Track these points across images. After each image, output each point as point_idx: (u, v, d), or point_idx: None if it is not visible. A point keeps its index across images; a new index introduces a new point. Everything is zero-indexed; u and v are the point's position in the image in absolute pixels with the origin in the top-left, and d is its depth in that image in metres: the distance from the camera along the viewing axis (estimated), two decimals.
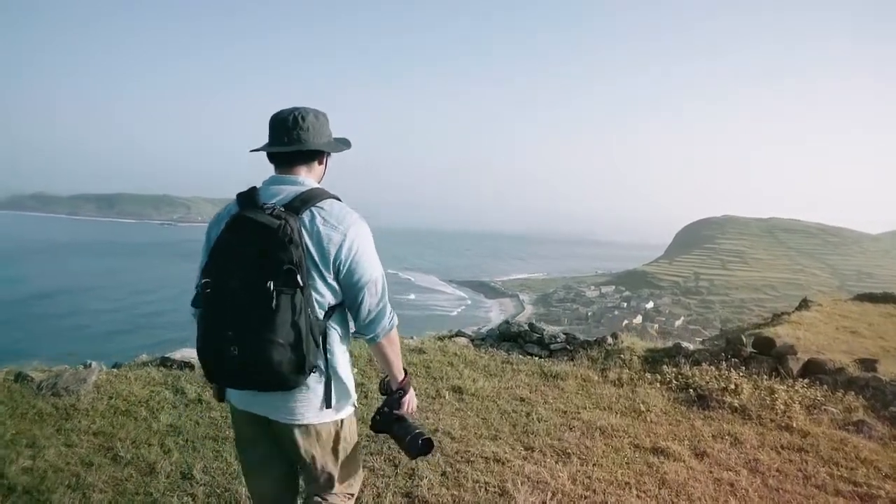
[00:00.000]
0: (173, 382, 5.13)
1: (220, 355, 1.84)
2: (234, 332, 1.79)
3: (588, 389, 5.79)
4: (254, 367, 1.79)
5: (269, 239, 1.80)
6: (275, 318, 1.76)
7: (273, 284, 1.77)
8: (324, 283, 1.92)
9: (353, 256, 1.93)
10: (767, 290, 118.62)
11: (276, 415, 1.99)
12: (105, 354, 27.36)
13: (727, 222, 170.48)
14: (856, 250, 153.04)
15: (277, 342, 1.76)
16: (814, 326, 21.62)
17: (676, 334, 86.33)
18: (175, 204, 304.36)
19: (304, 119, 2.01)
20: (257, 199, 1.94)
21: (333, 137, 2.16)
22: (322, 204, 1.94)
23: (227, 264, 1.86)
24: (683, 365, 6.25)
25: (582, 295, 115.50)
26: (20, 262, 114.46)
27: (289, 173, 2.05)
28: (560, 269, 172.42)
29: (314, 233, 1.89)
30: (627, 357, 6.60)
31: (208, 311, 1.89)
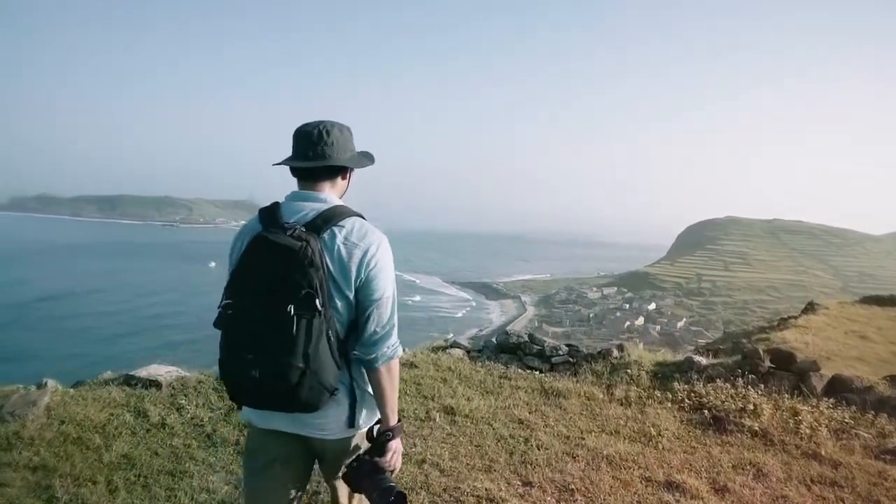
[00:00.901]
0: (136, 404, 4.65)
1: (241, 378, 1.82)
2: (255, 356, 1.77)
3: (593, 409, 5.30)
4: (274, 390, 1.78)
5: (289, 261, 1.77)
6: (294, 343, 1.75)
7: (293, 308, 1.75)
8: (344, 301, 1.89)
9: (371, 271, 1.90)
10: (770, 292, 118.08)
11: (307, 431, 1.97)
12: (111, 356, 27.19)
13: (730, 223, 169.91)
14: (859, 252, 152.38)
15: (297, 366, 1.74)
16: (822, 331, 21.06)
17: (679, 336, 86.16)
18: (177, 205, 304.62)
19: (329, 134, 1.98)
20: (279, 216, 1.91)
21: (357, 151, 2.11)
22: (344, 223, 1.91)
23: (247, 286, 1.84)
24: (696, 381, 5.76)
25: (584, 296, 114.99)
26: (24, 263, 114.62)
27: (312, 189, 2.01)
28: (562, 270, 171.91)
29: (335, 252, 1.86)
30: (635, 372, 6.11)
31: (230, 333, 1.86)
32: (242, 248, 1.91)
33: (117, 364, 23.06)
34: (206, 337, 20.98)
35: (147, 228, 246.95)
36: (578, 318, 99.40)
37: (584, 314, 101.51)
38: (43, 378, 4.93)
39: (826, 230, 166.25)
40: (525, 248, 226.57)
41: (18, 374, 27.29)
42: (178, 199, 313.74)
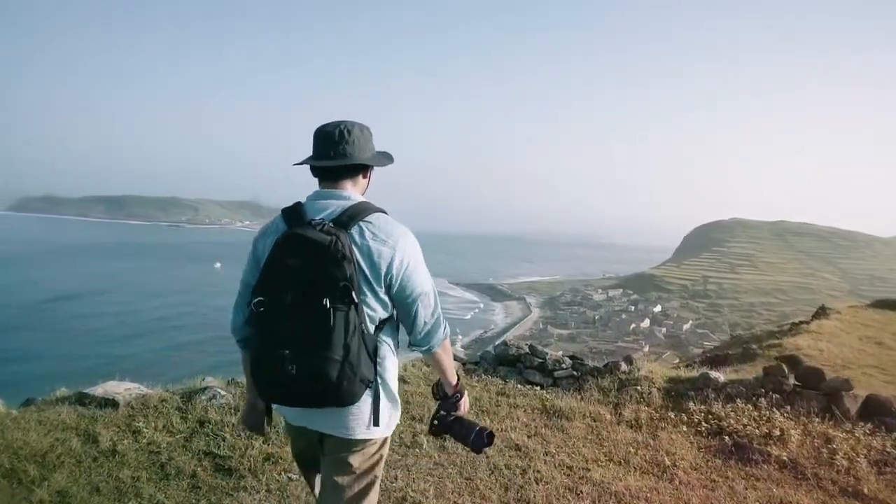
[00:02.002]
0: (87, 427, 4.14)
1: (277, 373, 1.80)
2: (292, 351, 1.77)
3: (599, 433, 4.76)
4: (311, 384, 1.78)
5: (321, 256, 1.79)
6: (331, 335, 1.76)
7: (329, 301, 1.76)
8: (375, 297, 1.91)
9: (404, 271, 1.93)
10: (777, 294, 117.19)
11: (330, 429, 2.00)
12: (119, 357, 26.81)
13: (736, 225, 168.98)
14: (868, 254, 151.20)
15: (334, 359, 1.76)
16: (836, 337, 20.39)
17: (684, 338, 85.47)
18: (182, 206, 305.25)
19: (350, 133, 2.01)
20: (304, 214, 1.94)
21: (376, 151, 2.13)
22: (370, 218, 1.93)
23: (279, 282, 1.83)
24: (713, 401, 5.21)
25: (589, 298, 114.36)
26: (33, 264, 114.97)
27: (334, 187, 2.03)
28: (567, 271, 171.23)
29: (364, 248, 1.88)
30: (645, 389, 5.57)
31: (263, 329, 1.85)
32: (266, 246, 1.92)
33: (125, 365, 22.62)
34: (212, 338, 20.65)
35: (153, 229, 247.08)
36: (584, 320, 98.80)
37: (590, 316, 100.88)
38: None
39: (834, 232, 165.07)
40: (528, 249, 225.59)
41: (26, 375, 27.23)
42: (183, 200, 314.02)
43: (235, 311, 2.08)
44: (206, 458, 3.91)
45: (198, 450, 3.98)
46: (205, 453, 3.95)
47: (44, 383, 18.84)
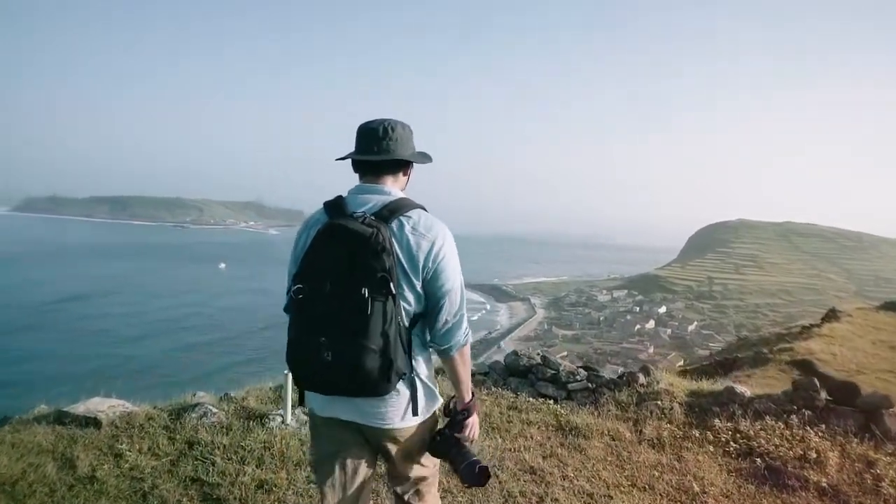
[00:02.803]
0: (64, 449, 3.82)
1: (312, 361, 1.84)
2: (328, 338, 1.80)
3: (620, 454, 4.41)
4: (347, 372, 1.81)
5: (362, 246, 1.82)
6: (368, 325, 1.78)
7: (367, 291, 1.79)
8: (412, 291, 1.93)
9: (439, 262, 1.94)
10: (782, 295, 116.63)
11: (366, 419, 2.00)
12: (128, 357, 26.64)
13: (741, 226, 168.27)
14: (874, 255, 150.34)
15: (370, 348, 1.78)
16: (848, 340, 19.97)
17: (689, 339, 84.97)
18: (187, 206, 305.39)
19: (394, 130, 2.04)
20: (345, 207, 1.99)
21: (416, 150, 2.16)
22: (410, 213, 1.96)
23: (319, 271, 1.86)
24: (740, 418, 4.86)
25: (594, 299, 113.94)
26: (39, 265, 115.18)
27: (375, 182, 2.06)
28: (572, 272, 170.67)
29: (403, 241, 1.91)
30: (666, 404, 5.22)
31: (301, 316, 1.89)
32: (309, 237, 1.95)
33: (132, 366, 22.40)
34: (219, 339, 20.24)
35: (158, 229, 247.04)
36: (588, 321, 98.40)
37: (595, 317, 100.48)
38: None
39: (839, 233, 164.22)
40: (531, 250, 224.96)
41: (33, 375, 26.96)
42: (187, 201, 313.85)
43: (288, 299, 2.05)
44: (194, 485, 3.58)
45: (185, 476, 3.65)
46: (192, 480, 3.62)
47: (50, 385, 18.49)
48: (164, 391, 19.97)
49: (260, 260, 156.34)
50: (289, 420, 4.43)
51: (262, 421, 4.41)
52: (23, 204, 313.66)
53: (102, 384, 17.76)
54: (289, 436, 4.20)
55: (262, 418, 4.45)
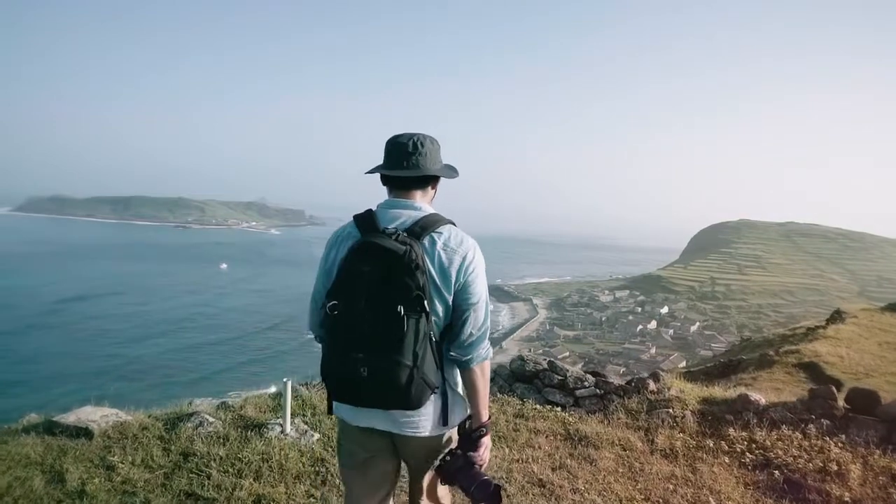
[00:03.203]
0: (53, 462, 3.66)
1: (349, 376, 1.87)
2: (365, 354, 1.84)
3: (631, 465, 4.25)
4: (382, 387, 1.84)
5: (396, 264, 1.85)
6: (403, 341, 1.82)
7: (403, 309, 1.82)
8: (443, 305, 1.97)
9: (468, 277, 1.99)
10: (785, 296, 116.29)
11: (398, 428, 2.04)
12: (132, 357, 26.56)
13: (743, 226, 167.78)
14: (876, 255, 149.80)
15: (405, 364, 1.82)
16: (854, 343, 19.75)
17: (692, 340, 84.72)
18: (189, 206, 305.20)
19: (423, 145, 2.08)
20: (377, 222, 2.01)
21: (443, 163, 2.19)
22: (441, 229, 2.01)
23: (354, 287, 1.88)
24: (755, 427, 4.70)
25: (596, 299, 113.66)
26: (43, 265, 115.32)
27: (405, 197, 2.10)
28: (574, 273, 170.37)
29: (435, 258, 1.95)
30: (678, 412, 5.06)
31: (336, 332, 1.91)
32: (340, 252, 2.00)
33: (137, 366, 22.28)
34: (223, 339, 20.04)
35: (161, 229, 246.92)
36: (590, 322, 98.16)
37: (596, 317, 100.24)
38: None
39: (842, 233, 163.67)
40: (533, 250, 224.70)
41: (37, 375, 26.85)
42: (190, 201, 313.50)
43: (311, 313, 2.14)
44: (188, 499, 3.42)
45: (179, 490, 3.48)
46: (187, 494, 3.46)
47: (54, 384, 18.59)
48: (166, 391, 20.08)
49: (262, 260, 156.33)
50: (288, 429, 4.27)
51: (260, 431, 4.25)
52: (25, 204, 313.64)
53: (106, 384, 17.74)
54: (288, 447, 4.04)
55: (261, 428, 4.29)
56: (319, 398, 4.85)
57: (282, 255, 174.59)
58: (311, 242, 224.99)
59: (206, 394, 46.90)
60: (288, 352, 69.09)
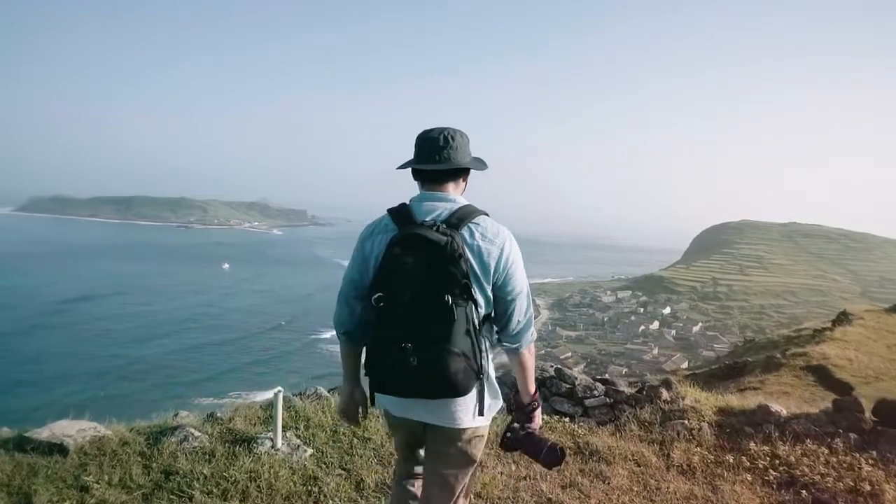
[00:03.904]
0: (21, 483, 3.37)
1: (398, 367, 1.90)
2: (413, 344, 1.88)
3: (647, 482, 3.96)
4: (432, 376, 1.89)
5: (440, 255, 1.90)
6: (452, 329, 1.87)
7: (451, 298, 1.87)
8: (482, 295, 2.02)
9: (508, 269, 2.05)
10: (787, 296, 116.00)
11: (437, 419, 2.10)
12: (136, 358, 26.35)
13: (745, 227, 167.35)
14: (878, 256, 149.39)
15: (455, 352, 1.88)
16: (863, 345, 19.39)
17: (694, 340, 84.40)
18: (192, 206, 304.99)
19: (454, 138, 2.12)
20: (413, 215, 2.06)
21: (472, 156, 2.23)
22: (477, 220, 2.06)
23: (399, 279, 1.92)
24: (777, 441, 4.41)
25: (598, 300, 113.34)
26: (44, 265, 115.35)
27: (438, 190, 2.15)
28: (576, 273, 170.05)
29: (474, 247, 2.00)
30: (694, 423, 4.77)
31: (383, 324, 1.94)
32: (376, 244, 2.05)
33: (142, 366, 21.98)
34: (227, 340, 19.80)
35: (163, 229, 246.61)
36: (592, 322, 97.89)
37: (599, 318, 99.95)
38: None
39: (845, 234, 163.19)
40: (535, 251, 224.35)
41: (43, 376, 26.70)
42: (192, 201, 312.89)
43: (340, 305, 2.15)
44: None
45: None
46: None
47: (58, 385, 18.33)
48: (169, 391, 19.75)
49: (264, 260, 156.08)
50: (279, 444, 3.99)
51: (249, 446, 3.96)
52: (27, 204, 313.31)
53: (109, 384, 17.41)
54: (278, 464, 3.76)
55: (250, 443, 4.00)
56: (314, 409, 4.57)
57: (284, 255, 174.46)
58: (313, 242, 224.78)
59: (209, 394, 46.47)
60: (292, 352, 69.01)
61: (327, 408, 4.62)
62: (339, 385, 5.25)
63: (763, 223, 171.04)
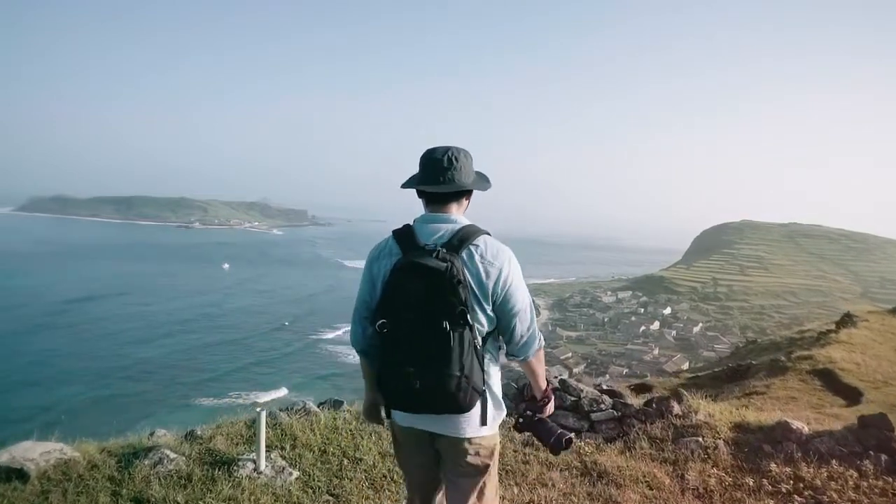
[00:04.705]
0: None
1: (403, 388, 2.02)
2: (416, 368, 1.99)
3: None
4: (434, 397, 2.00)
5: (438, 282, 1.97)
6: (450, 355, 1.97)
7: (448, 324, 1.95)
8: (483, 314, 2.10)
9: (507, 288, 2.11)
10: (788, 297, 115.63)
11: (443, 430, 2.17)
12: (139, 359, 25.97)
13: (746, 227, 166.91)
14: (879, 256, 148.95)
15: (454, 374, 1.97)
16: (869, 348, 19.03)
17: (694, 341, 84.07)
18: (192, 206, 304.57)
19: (458, 159, 2.18)
20: (416, 238, 2.14)
21: (475, 173, 2.29)
22: (477, 241, 2.12)
23: (400, 305, 2.01)
24: (800, 461, 4.09)
25: (598, 300, 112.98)
26: (45, 265, 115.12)
27: (442, 211, 2.21)
28: (577, 273, 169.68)
29: (474, 270, 2.07)
30: (709, 441, 4.45)
31: (388, 348, 2.07)
32: (381, 267, 2.14)
33: (146, 367, 21.66)
34: (229, 341, 19.47)
35: (163, 229, 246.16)
36: (593, 322, 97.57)
37: (599, 318, 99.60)
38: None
39: (845, 234, 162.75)
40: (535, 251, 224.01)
41: (46, 377, 26.32)
42: (193, 200, 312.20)
43: (354, 325, 2.25)
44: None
45: None
46: None
47: (62, 386, 18.02)
48: (172, 391, 19.37)
49: (265, 260, 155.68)
50: (262, 467, 3.67)
51: (229, 469, 3.65)
52: (27, 203, 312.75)
53: (112, 384, 17.03)
54: (260, 489, 3.44)
55: (231, 465, 3.69)
56: (301, 427, 4.25)
57: (285, 255, 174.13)
58: (314, 243, 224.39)
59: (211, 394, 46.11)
60: (294, 353, 68.76)
61: (316, 425, 4.30)
62: (329, 398, 4.95)
63: (763, 223, 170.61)
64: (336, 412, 4.58)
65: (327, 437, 4.14)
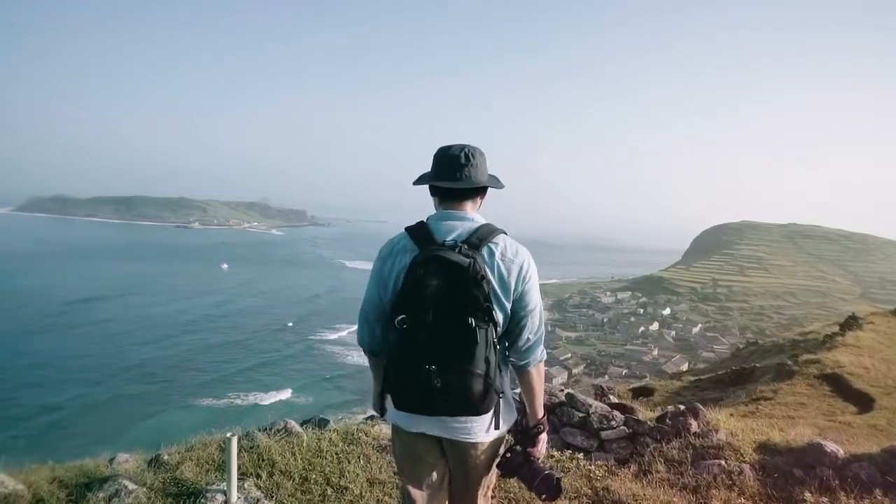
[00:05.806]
0: None
1: (422, 387, 1.92)
2: (438, 366, 1.90)
3: None
4: (455, 396, 1.92)
5: (462, 277, 1.92)
6: (474, 352, 1.90)
7: (473, 321, 1.90)
8: (503, 313, 2.05)
9: (525, 285, 2.08)
10: (787, 297, 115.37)
11: (452, 434, 2.10)
12: (140, 360, 25.65)
13: (745, 227, 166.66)
14: (879, 257, 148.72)
15: (477, 374, 1.91)
16: (878, 351, 18.60)
17: (694, 342, 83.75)
18: (191, 206, 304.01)
19: (474, 157, 2.14)
20: (433, 235, 2.07)
21: (489, 173, 2.23)
22: (496, 240, 2.08)
23: (422, 301, 1.93)
24: (838, 490, 3.66)
25: (598, 301, 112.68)
26: (45, 266, 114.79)
27: (457, 209, 2.16)
28: (576, 274, 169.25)
29: (495, 268, 2.03)
30: (733, 465, 4.01)
31: (406, 345, 1.96)
32: (396, 264, 2.06)
33: (149, 368, 21.18)
34: (230, 342, 19.10)
35: (162, 229, 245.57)
36: (592, 323, 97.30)
37: (598, 319, 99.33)
38: None
39: (844, 234, 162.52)
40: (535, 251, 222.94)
41: (49, 377, 25.88)
42: (192, 201, 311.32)
43: (361, 325, 2.19)
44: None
45: None
46: None
47: (64, 388, 17.60)
48: (174, 391, 18.93)
49: (264, 260, 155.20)
50: (233, 499, 3.24)
51: (196, 501, 3.21)
52: (27, 203, 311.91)
53: (115, 386, 16.57)
54: None
55: (198, 497, 3.25)
56: (280, 450, 3.80)
57: (285, 255, 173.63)
58: (314, 243, 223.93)
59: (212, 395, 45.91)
60: (295, 354, 68.48)
61: (298, 447, 3.86)
62: (314, 416, 4.52)
63: (763, 224, 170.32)
64: (321, 432, 4.15)
65: (310, 462, 3.71)
